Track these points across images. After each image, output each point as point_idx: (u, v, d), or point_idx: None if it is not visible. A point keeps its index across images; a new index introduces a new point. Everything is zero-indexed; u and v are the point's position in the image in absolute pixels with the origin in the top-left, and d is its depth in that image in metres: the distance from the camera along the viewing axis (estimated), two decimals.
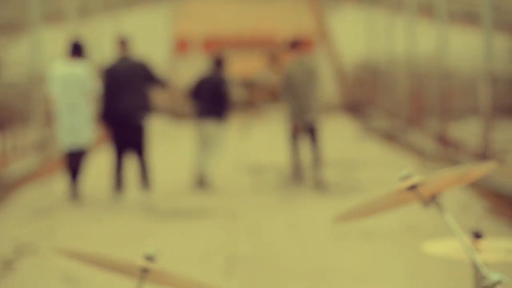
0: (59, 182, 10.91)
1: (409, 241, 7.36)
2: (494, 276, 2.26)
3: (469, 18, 16.44)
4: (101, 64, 11.28)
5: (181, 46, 23.01)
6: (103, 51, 19.50)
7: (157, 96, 12.66)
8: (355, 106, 21.44)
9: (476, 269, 2.36)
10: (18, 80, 13.78)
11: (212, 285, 2.50)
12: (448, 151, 12.50)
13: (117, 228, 8.15)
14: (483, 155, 10.75)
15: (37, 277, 6.42)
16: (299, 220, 8.54)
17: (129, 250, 6.85)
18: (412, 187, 2.37)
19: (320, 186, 10.29)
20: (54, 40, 16.16)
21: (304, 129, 10.66)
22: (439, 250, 2.85)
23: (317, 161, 10.62)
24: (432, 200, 2.37)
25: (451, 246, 2.84)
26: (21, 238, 7.65)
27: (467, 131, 13.08)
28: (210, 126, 10.41)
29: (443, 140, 13.12)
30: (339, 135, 16.85)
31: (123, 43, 9.52)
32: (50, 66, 10.00)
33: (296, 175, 10.65)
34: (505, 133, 14.23)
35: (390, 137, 15.75)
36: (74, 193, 9.36)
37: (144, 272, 2.31)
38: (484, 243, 2.82)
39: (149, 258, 2.36)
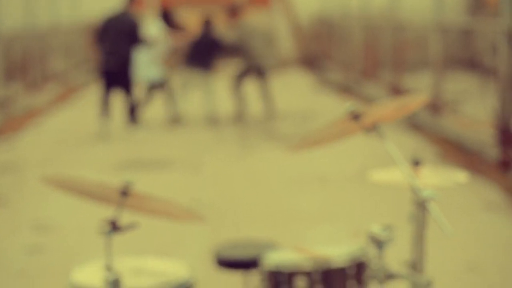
0: (22, 138, 11.13)
1: (360, 183, 7.74)
2: (425, 193, 2.59)
3: None
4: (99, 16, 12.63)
5: (136, 3, 23.05)
6: (60, 7, 19.51)
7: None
8: (311, 60, 21.76)
9: (412, 190, 2.69)
10: None
11: (190, 210, 2.79)
12: None
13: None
14: (434, 105, 11.14)
15: (7, 227, 6.67)
16: (256, 167, 8.89)
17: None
18: (356, 117, 2.68)
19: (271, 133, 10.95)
20: None
21: (253, 73, 12.06)
22: (384, 178, 3.18)
23: (268, 110, 11.50)
24: (373, 128, 2.68)
25: (394, 174, 3.18)
26: None
27: (420, 82, 13.48)
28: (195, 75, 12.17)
29: (396, 91, 13.51)
30: (295, 88, 17.19)
31: (132, 0, 11.17)
32: None
33: (239, 119, 11.90)
34: (458, 83, 14.66)
35: (345, 89, 16.12)
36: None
37: (123, 195, 2.60)
38: (422, 170, 3.17)
39: (128, 184, 2.65)
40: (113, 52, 10.86)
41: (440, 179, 2.99)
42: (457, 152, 9.30)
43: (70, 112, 14.15)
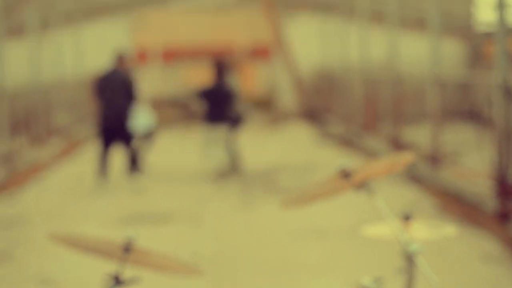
0: (26, 192, 11.27)
1: (357, 236, 7.84)
2: (413, 247, 2.71)
3: (420, 23, 16.98)
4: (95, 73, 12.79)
5: (140, 57, 23.38)
6: (64, 63, 19.80)
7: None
8: (312, 113, 21.96)
9: (400, 244, 2.81)
10: None
11: (189, 265, 2.91)
12: None
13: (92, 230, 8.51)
14: (433, 157, 11.28)
15: (12, 282, 6.76)
16: (256, 220, 8.99)
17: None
18: (346, 175, 2.82)
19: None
20: (16, 54, 16.47)
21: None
22: (376, 233, 3.31)
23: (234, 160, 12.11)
24: (363, 185, 2.81)
25: (385, 229, 3.30)
26: None
27: (419, 134, 13.63)
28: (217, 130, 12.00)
29: (396, 143, 13.66)
30: (296, 141, 17.36)
31: (121, 58, 11.24)
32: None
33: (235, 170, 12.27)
34: (457, 135, 14.82)
35: (346, 142, 16.28)
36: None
37: (126, 251, 2.73)
38: (413, 224, 3.29)
39: (130, 240, 2.77)
40: (111, 107, 11.05)
41: (430, 232, 3.11)
42: (456, 203, 9.41)
43: (73, 166, 14.30)
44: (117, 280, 2.69)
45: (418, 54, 15.75)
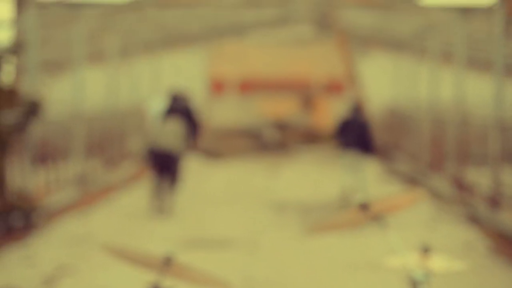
0: (97, 212, 11.79)
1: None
2: (418, 275, 3.02)
3: (488, 65, 17.09)
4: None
5: (217, 87, 23.91)
6: (141, 90, 20.43)
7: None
8: (381, 150, 22.16)
9: (407, 273, 3.12)
10: (60, 117, 14.62)
11: (225, 282, 3.26)
12: (463, 194, 13.18)
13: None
14: (493, 199, 11.42)
15: None
16: (313, 251, 9.30)
17: None
18: (364, 208, 3.14)
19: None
20: (95, 79, 17.13)
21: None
22: (397, 263, 3.62)
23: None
24: (377, 218, 3.13)
25: (405, 260, 3.61)
26: (61, 259, 8.49)
27: (482, 176, 13.75)
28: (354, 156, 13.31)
29: (459, 184, 13.82)
30: None
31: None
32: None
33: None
34: None
35: (412, 180, 16.45)
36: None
37: (166, 263, 3.10)
38: (432, 256, 3.60)
39: (170, 255, 3.15)
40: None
41: (443, 265, 3.41)
42: (510, 245, 9.56)
43: (142, 189, 14.82)
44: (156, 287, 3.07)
45: (485, 96, 15.88)
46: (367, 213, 3.14)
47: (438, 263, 3.53)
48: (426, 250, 3.60)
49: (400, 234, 6.63)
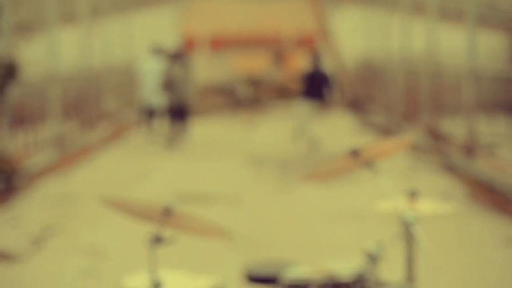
0: (77, 172, 11.85)
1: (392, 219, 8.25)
2: (409, 217, 3.15)
3: (461, 16, 17.21)
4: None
5: (188, 45, 23.89)
6: (113, 50, 20.40)
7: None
8: (355, 102, 22.32)
9: (399, 216, 3.25)
10: (35, 79, 14.60)
11: (223, 228, 3.37)
12: (438, 144, 13.38)
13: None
14: (468, 148, 11.62)
15: (64, 253, 7.31)
16: (293, 203, 9.46)
17: None
18: (355, 154, 3.25)
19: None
20: (68, 40, 17.06)
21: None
22: (388, 208, 3.75)
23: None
24: (370, 164, 3.25)
25: (395, 204, 3.75)
26: (47, 219, 8.58)
27: (457, 126, 13.95)
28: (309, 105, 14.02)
29: (434, 134, 14.02)
30: (337, 129, 17.75)
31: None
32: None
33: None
34: (496, 127, 15.08)
35: (386, 131, 16.64)
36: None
37: (166, 213, 3.20)
38: (419, 200, 3.73)
39: (170, 205, 3.25)
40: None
41: (430, 208, 3.55)
42: (487, 192, 9.77)
43: (120, 149, 14.88)
44: (158, 238, 3.17)
45: (458, 47, 16.02)
46: (358, 159, 3.26)
47: (425, 206, 3.67)
48: (413, 194, 3.74)
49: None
